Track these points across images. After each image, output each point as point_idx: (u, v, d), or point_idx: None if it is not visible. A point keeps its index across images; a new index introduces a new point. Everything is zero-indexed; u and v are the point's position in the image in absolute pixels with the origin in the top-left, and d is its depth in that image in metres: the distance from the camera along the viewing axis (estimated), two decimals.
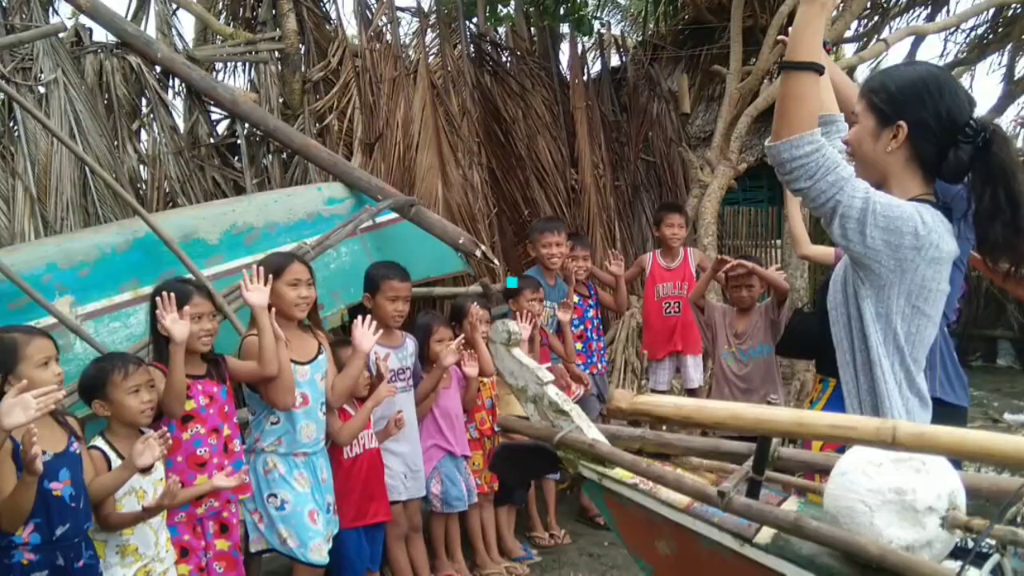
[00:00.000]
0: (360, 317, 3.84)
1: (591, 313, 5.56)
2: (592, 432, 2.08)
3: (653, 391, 5.75)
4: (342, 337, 4.32)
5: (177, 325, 3.10)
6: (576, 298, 5.46)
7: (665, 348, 5.80)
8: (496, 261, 5.86)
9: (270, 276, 3.48)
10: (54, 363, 2.74)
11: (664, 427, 3.55)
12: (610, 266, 5.71)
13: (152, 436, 2.85)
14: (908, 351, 2.08)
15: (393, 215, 5.26)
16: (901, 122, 2.07)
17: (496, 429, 4.61)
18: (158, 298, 3.16)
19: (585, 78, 8.13)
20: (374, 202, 5.16)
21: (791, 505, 1.87)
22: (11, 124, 5.03)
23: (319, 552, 3.48)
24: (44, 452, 2.65)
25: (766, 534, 1.67)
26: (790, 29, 2.12)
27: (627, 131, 8.36)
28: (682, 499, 1.82)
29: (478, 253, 5.44)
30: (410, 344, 4.33)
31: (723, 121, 7.77)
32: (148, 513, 2.90)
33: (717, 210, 7.57)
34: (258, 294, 3.41)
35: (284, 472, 3.51)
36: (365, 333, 3.77)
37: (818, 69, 2.01)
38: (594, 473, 2.02)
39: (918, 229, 1.99)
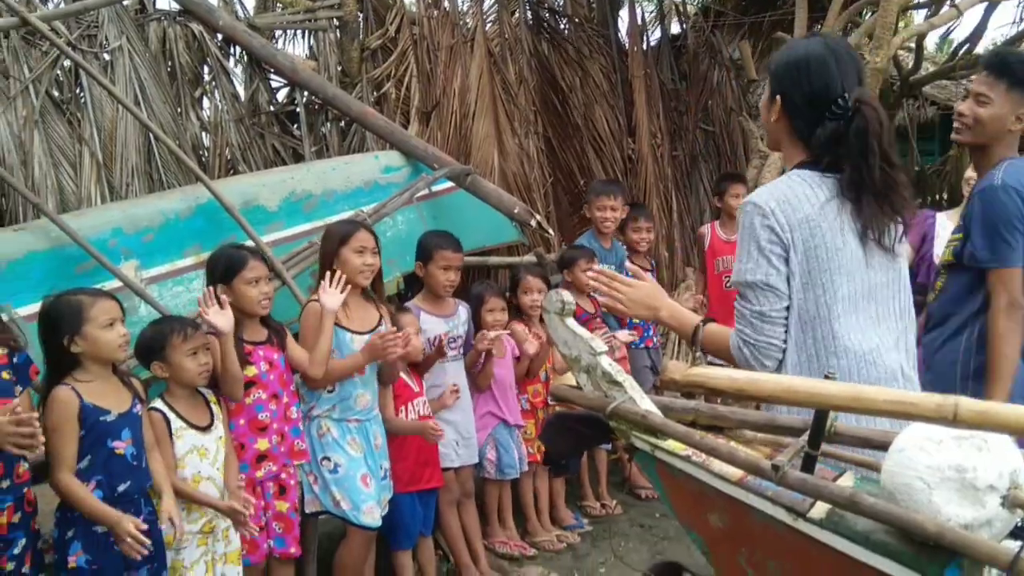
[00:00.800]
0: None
1: None
2: (645, 403, 2.07)
3: (711, 364, 5.68)
4: (397, 305, 4.36)
5: (220, 318, 3.09)
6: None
7: (725, 322, 5.70)
8: (551, 231, 5.84)
9: (348, 285, 3.49)
10: (120, 324, 2.80)
11: (719, 400, 3.52)
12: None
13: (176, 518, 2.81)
14: (821, 312, 2.16)
15: (449, 184, 5.27)
16: (777, 96, 2.26)
17: (549, 401, 4.62)
18: (199, 297, 3.17)
19: (644, 46, 8.00)
20: (430, 171, 5.17)
21: (847, 480, 1.84)
22: (78, 91, 5.16)
23: (371, 515, 3.54)
24: (108, 411, 2.74)
25: (820, 509, 1.65)
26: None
27: (686, 100, 8.22)
28: (735, 472, 1.81)
29: (533, 223, 5.43)
30: (463, 312, 4.35)
31: None
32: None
33: None
34: (333, 297, 3.44)
35: (337, 436, 3.56)
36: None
37: (702, 326, 2.39)
38: (646, 444, 2.01)
39: (766, 222, 2.13)
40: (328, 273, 3.50)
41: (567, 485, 5.04)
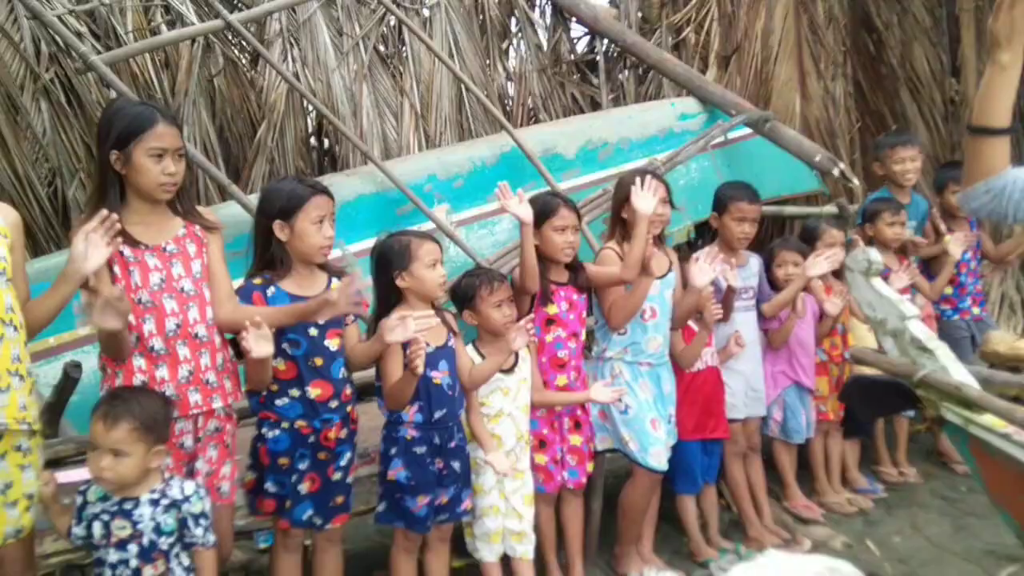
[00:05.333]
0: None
1: (967, 255, 4.98)
2: (960, 373, 1.94)
3: None
4: (686, 253, 4.35)
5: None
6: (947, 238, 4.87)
7: None
8: (855, 180, 5.49)
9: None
10: (440, 265, 3.06)
11: None
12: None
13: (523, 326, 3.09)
14: None
15: (745, 130, 5.15)
16: None
17: (846, 357, 4.41)
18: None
19: None
20: (727, 117, 5.07)
21: None
22: (401, 46, 5.61)
23: (658, 458, 3.61)
24: (427, 345, 3.02)
25: None
26: None
27: None
28: None
29: (835, 171, 5.15)
30: (754, 264, 4.26)
31: None
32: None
33: None
34: (646, 200, 3.47)
35: (629, 379, 3.64)
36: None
37: (994, 132, 1.91)
38: (959, 417, 1.89)
39: None
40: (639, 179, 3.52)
41: (862, 449, 4.80)
